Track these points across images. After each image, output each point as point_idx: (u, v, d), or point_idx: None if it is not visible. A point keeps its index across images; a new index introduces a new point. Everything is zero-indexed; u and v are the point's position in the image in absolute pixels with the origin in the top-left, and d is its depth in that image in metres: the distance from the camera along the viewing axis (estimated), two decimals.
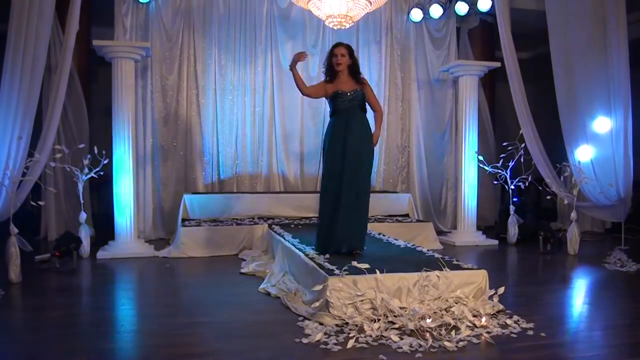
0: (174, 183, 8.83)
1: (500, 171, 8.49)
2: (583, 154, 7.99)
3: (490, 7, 9.08)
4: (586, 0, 7.91)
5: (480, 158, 8.45)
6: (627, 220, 8.13)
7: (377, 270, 4.46)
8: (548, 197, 8.30)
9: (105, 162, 7.09)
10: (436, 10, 9.47)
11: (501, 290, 4.66)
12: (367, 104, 5.60)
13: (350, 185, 5.33)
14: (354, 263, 4.54)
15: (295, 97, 9.16)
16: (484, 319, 4.20)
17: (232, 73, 9.07)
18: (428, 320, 4.07)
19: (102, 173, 7.14)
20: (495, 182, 9.01)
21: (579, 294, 5.72)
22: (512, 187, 8.48)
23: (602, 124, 7.91)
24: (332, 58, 5.52)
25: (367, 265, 4.49)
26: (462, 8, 9.46)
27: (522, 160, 8.23)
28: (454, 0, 9.49)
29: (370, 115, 5.63)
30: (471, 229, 8.60)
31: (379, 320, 4.13)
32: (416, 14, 9.56)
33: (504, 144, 8.35)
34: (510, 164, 8.38)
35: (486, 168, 8.48)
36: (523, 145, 8.21)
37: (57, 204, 8.36)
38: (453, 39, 9.87)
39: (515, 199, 8.62)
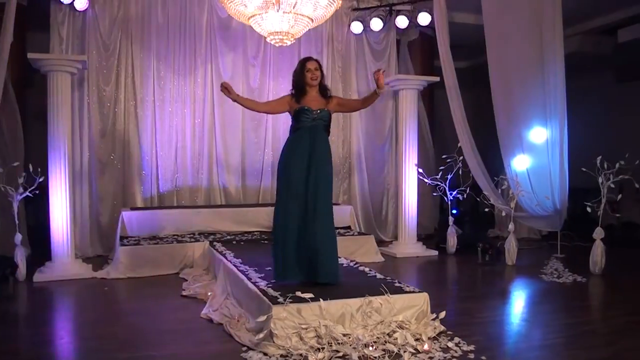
0: (112, 197, 8.62)
1: (439, 183, 8.62)
2: (520, 163, 8.18)
3: (430, 21, 9.20)
4: (523, 14, 8.07)
5: (420, 170, 8.56)
6: (563, 228, 8.37)
7: (321, 299, 4.46)
8: (486, 210, 8.46)
9: (41, 180, 6.84)
10: (376, 24, 9.55)
11: (442, 314, 4.73)
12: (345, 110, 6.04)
13: (323, 209, 5.09)
14: (298, 293, 4.51)
15: (236, 108, 9.04)
16: (426, 345, 4.26)
17: (172, 84, 8.90)
18: (371, 349, 4.11)
19: (37, 192, 6.90)
20: (434, 194, 9.14)
21: (517, 310, 5.86)
22: (451, 198, 8.63)
23: (539, 134, 8.09)
24: (305, 73, 5.18)
25: (311, 295, 4.46)
26: (401, 22, 9.57)
27: (460, 172, 8.38)
28: (394, 14, 9.58)
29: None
30: (412, 240, 8.70)
31: (323, 349, 4.13)
32: (356, 27, 9.62)
33: (443, 156, 8.47)
34: (448, 176, 8.53)
35: (426, 180, 8.60)
36: (461, 157, 8.36)
37: None
38: (393, 51, 9.99)
39: (454, 210, 8.76)
